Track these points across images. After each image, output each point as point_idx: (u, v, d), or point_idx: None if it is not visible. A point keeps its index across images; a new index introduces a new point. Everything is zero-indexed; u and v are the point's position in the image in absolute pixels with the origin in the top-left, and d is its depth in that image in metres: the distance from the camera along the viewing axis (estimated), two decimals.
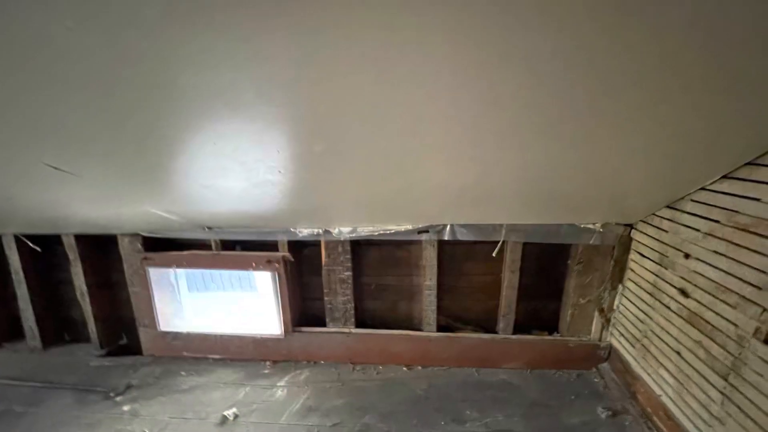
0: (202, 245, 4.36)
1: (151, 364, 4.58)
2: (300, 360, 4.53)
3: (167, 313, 4.66)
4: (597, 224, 3.68)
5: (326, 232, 4.01)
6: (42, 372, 4.47)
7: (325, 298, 4.39)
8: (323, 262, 4.26)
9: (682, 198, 3.02)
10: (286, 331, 4.42)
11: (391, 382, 4.18)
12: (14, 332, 4.99)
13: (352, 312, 4.39)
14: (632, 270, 3.75)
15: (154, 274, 4.47)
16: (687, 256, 2.99)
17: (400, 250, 4.38)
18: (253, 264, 4.24)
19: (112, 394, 4.04)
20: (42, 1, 1.50)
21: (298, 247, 4.36)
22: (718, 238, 2.70)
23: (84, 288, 4.58)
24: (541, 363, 4.28)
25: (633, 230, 3.69)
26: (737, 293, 2.55)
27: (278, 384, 4.17)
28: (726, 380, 2.64)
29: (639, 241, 3.62)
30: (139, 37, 1.67)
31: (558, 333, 4.40)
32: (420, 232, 3.94)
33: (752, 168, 2.44)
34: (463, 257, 4.34)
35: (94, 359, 4.69)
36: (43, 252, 4.62)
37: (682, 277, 3.05)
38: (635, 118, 2.15)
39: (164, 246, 4.40)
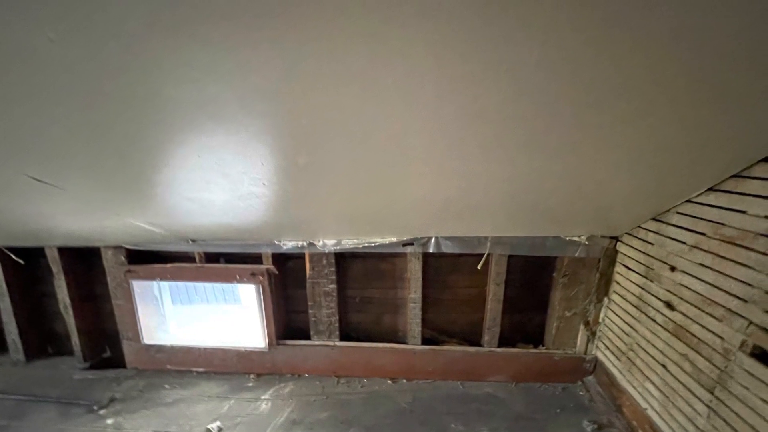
0: (185, 258, 4.34)
1: (135, 377, 4.54)
2: (284, 373, 4.50)
3: (151, 326, 4.63)
4: (582, 237, 3.69)
5: (310, 244, 4.00)
6: (25, 385, 4.43)
7: (310, 311, 4.36)
8: (307, 275, 4.24)
9: (668, 210, 3.04)
10: (270, 344, 4.39)
11: (375, 395, 4.16)
12: None
13: (337, 325, 4.37)
14: (618, 283, 3.76)
15: (138, 286, 4.44)
16: (673, 268, 3.00)
17: (385, 262, 4.38)
18: (237, 276, 4.22)
19: (95, 408, 4.00)
20: (24, 13, 1.49)
21: (282, 259, 4.35)
22: (704, 250, 2.70)
23: (67, 301, 4.55)
24: (526, 376, 4.27)
25: (618, 243, 3.70)
26: (723, 306, 2.56)
27: (262, 397, 4.14)
28: (712, 393, 2.64)
29: (624, 254, 3.63)
30: (123, 50, 1.66)
31: (543, 346, 4.39)
32: (405, 244, 3.93)
33: (738, 180, 2.45)
34: (447, 270, 4.34)
35: (77, 372, 4.64)
36: (27, 265, 4.57)
37: (668, 290, 3.05)
38: (620, 130, 2.15)
39: (148, 258, 4.36)
